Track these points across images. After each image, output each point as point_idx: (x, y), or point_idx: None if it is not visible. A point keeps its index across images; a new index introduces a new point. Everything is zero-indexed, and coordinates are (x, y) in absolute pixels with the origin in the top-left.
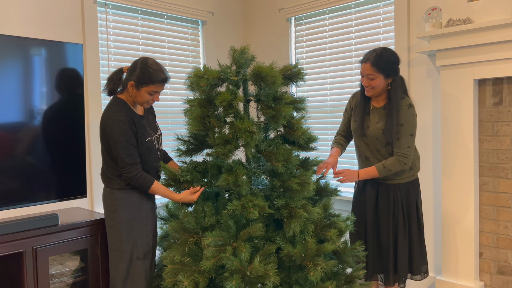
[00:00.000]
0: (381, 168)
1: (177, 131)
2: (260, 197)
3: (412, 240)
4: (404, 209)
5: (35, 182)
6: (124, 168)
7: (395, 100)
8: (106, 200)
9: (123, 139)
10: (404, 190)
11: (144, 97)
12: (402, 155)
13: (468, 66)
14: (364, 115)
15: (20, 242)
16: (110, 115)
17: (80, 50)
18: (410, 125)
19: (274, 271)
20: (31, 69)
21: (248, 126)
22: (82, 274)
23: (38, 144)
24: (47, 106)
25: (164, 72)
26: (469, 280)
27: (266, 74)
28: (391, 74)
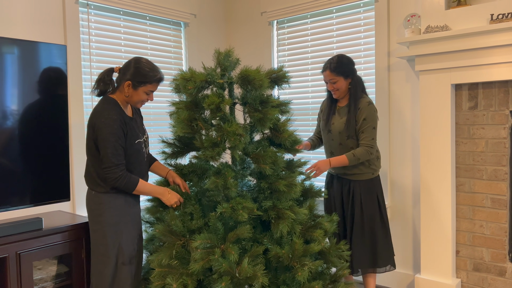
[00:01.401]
0: (351, 157)
1: (160, 133)
2: (249, 199)
3: (376, 235)
4: (363, 205)
5: (17, 185)
6: (109, 168)
7: (354, 97)
8: (91, 204)
9: (113, 138)
10: (363, 186)
11: (140, 97)
12: (368, 146)
13: (445, 71)
14: (330, 114)
15: (3, 247)
16: (102, 113)
17: (64, 51)
18: (372, 119)
19: (262, 272)
20: (14, 70)
21: (236, 129)
22: (66, 279)
23: (21, 146)
24: (30, 108)
25: (159, 71)
26: (447, 277)
27: (254, 78)
28: (349, 75)
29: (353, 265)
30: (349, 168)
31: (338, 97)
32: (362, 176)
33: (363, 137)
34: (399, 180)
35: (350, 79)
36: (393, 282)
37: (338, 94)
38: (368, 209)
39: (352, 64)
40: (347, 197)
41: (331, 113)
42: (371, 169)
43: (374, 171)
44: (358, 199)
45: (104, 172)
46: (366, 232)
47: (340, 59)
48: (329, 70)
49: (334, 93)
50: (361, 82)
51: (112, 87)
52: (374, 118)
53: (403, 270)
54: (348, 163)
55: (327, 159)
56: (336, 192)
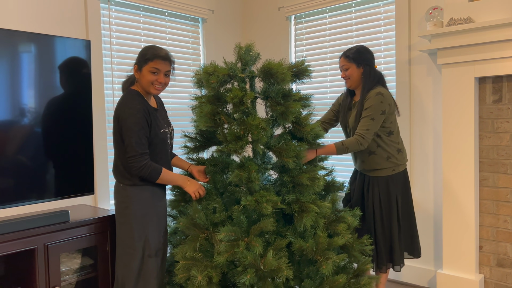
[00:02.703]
0: (339, 146)
1: (180, 128)
2: (272, 192)
3: (392, 234)
4: (381, 202)
5: (42, 179)
6: (133, 157)
7: (364, 87)
8: (118, 196)
9: (136, 127)
10: (382, 183)
11: (147, 78)
12: (359, 135)
13: (469, 64)
14: (347, 110)
15: (32, 239)
16: (125, 104)
17: (88, 46)
18: (374, 109)
19: (286, 265)
20: (39, 64)
21: (259, 123)
22: (91, 271)
23: (46, 140)
24: (55, 103)
25: (162, 49)
26: (470, 273)
27: (276, 71)
28: (362, 63)
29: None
30: (367, 164)
31: (349, 86)
32: (380, 173)
33: (358, 126)
34: (420, 174)
35: (362, 68)
36: (414, 278)
37: (349, 83)
38: (386, 208)
39: (369, 54)
40: (367, 194)
41: (347, 109)
42: (391, 163)
43: (395, 166)
44: (377, 196)
45: (128, 162)
46: (385, 229)
47: (357, 47)
48: (344, 56)
49: (346, 82)
50: (377, 75)
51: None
52: (377, 109)
53: (424, 266)
54: (336, 152)
55: (314, 149)
56: (357, 188)
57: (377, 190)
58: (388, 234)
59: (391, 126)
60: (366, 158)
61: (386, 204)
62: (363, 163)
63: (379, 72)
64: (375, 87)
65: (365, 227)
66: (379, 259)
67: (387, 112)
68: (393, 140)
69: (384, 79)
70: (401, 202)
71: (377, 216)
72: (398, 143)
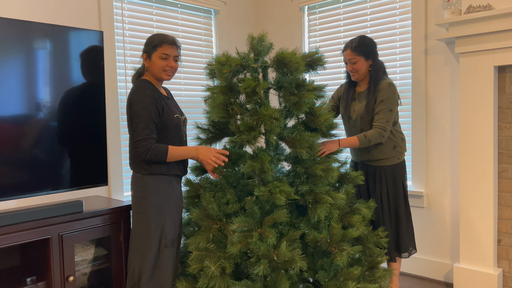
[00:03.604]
0: (362, 138)
1: (193, 121)
2: (286, 183)
3: (400, 220)
4: (389, 191)
5: (57, 170)
6: (137, 142)
7: (375, 79)
8: (135, 187)
9: (144, 112)
10: (389, 172)
11: (158, 64)
12: (381, 128)
13: (488, 53)
14: (350, 101)
15: (46, 229)
16: (135, 91)
17: (101, 37)
18: (390, 101)
19: (300, 256)
20: (52, 56)
21: (272, 113)
22: (105, 261)
23: (60, 131)
24: (68, 94)
25: (168, 35)
26: (488, 266)
27: (290, 60)
28: (370, 55)
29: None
30: (373, 154)
31: (356, 79)
32: (387, 162)
33: (377, 119)
34: (436, 166)
35: (371, 60)
36: (430, 271)
37: (357, 76)
38: (393, 196)
39: (374, 45)
40: (373, 185)
41: (350, 100)
42: (397, 152)
43: (400, 154)
44: (385, 186)
45: (134, 147)
46: (392, 218)
47: (362, 39)
48: (350, 49)
49: (353, 75)
50: (383, 66)
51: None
52: (393, 100)
53: (440, 259)
54: (358, 144)
55: (336, 140)
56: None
57: (384, 179)
58: (395, 222)
59: (396, 116)
60: (372, 149)
61: (394, 192)
62: (368, 154)
63: (382, 62)
64: (384, 79)
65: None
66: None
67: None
68: (397, 130)
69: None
70: (405, 190)
71: (384, 206)
72: (401, 133)
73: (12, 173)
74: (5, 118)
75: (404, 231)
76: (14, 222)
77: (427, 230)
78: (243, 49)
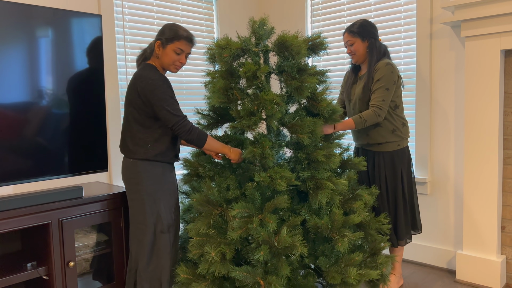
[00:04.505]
0: (357, 119)
1: (193, 108)
2: (287, 169)
3: (397, 209)
4: (387, 178)
5: (57, 156)
6: (178, 124)
7: (371, 59)
8: (128, 173)
9: (168, 96)
10: (388, 158)
11: (170, 56)
12: (376, 107)
13: (494, 36)
14: (351, 84)
15: (46, 214)
16: (147, 76)
17: (99, 21)
18: (386, 80)
19: (301, 242)
20: (50, 41)
21: (274, 98)
22: (106, 247)
23: (59, 117)
24: (67, 80)
25: (189, 31)
26: (491, 253)
27: (291, 43)
28: (367, 36)
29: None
30: (372, 137)
31: (356, 61)
32: (386, 147)
33: (373, 98)
34: (440, 153)
35: (367, 42)
36: (432, 259)
37: (356, 58)
38: (392, 183)
39: (372, 27)
40: (372, 171)
41: (351, 83)
42: (396, 137)
43: (400, 140)
44: (383, 173)
45: (174, 130)
46: (391, 206)
47: (360, 21)
48: (347, 31)
49: (352, 57)
50: (382, 48)
51: (150, 55)
52: (390, 79)
53: (443, 247)
54: (354, 126)
55: (332, 124)
56: None
57: (383, 166)
58: (393, 210)
59: (397, 100)
60: (371, 131)
61: (392, 180)
62: (367, 137)
63: (384, 45)
64: (382, 59)
65: (376, 205)
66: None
67: (396, 84)
68: (398, 114)
69: (389, 52)
70: (406, 177)
71: (383, 192)
72: (403, 118)
73: (12, 159)
74: (4, 105)
75: (401, 219)
76: (13, 207)
77: (431, 217)
78: (245, 35)
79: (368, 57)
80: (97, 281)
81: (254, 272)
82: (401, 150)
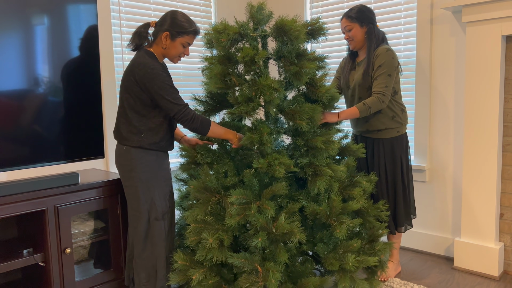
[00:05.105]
0: (362, 106)
1: (190, 94)
2: (285, 155)
3: (397, 195)
4: (386, 165)
5: (53, 142)
6: (180, 112)
7: (370, 45)
8: (121, 159)
9: (168, 85)
10: (387, 146)
11: (177, 49)
12: (380, 93)
13: (496, 21)
14: (350, 71)
15: (42, 200)
16: (146, 64)
17: (95, 7)
18: (388, 66)
19: (299, 229)
20: (45, 29)
21: (272, 83)
22: (103, 234)
23: (55, 104)
24: (63, 67)
25: (196, 24)
26: (489, 241)
27: (290, 28)
28: (365, 22)
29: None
30: (371, 124)
31: (353, 48)
32: (386, 134)
33: (376, 84)
34: (440, 140)
35: (366, 27)
36: (430, 246)
37: (353, 44)
38: (391, 171)
39: (371, 13)
40: (372, 159)
41: (349, 69)
42: (396, 123)
43: (400, 126)
44: (383, 160)
45: (176, 119)
46: (390, 193)
47: (358, 6)
48: (345, 17)
49: (350, 44)
50: (380, 33)
51: (148, 41)
52: (391, 65)
53: (442, 234)
54: (359, 114)
55: (335, 113)
56: None
57: (382, 153)
58: (392, 197)
59: (395, 86)
60: (370, 117)
61: (391, 167)
62: (366, 123)
63: (382, 31)
64: (381, 45)
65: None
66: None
67: (396, 69)
68: (397, 100)
69: (387, 38)
70: (405, 164)
71: (382, 180)
72: (402, 104)
73: (7, 145)
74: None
75: (400, 206)
76: (9, 193)
77: (429, 205)
78: (243, 19)
79: (367, 43)
80: (95, 268)
81: (252, 259)
82: (400, 137)
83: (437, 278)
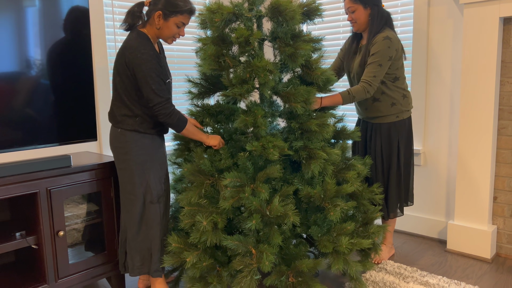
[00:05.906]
0: (345, 94)
1: (184, 77)
2: (279, 138)
3: (390, 181)
4: (382, 149)
5: (44, 124)
6: (159, 105)
7: (371, 29)
8: (116, 142)
9: (154, 73)
10: (384, 130)
11: (171, 30)
12: (366, 82)
13: (494, 3)
14: (352, 55)
15: (34, 183)
16: (137, 48)
17: None
18: (381, 55)
19: (293, 212)
20: (36, 10)
21: (267, 65)
22: (96, 217)
23: (47, 86)
24: (54, 49)
25: (191, 2)
26: (482, 223)
27: (285, 8)
28: (369, 3)
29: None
30: (370, 111)
31: (357, 30)
32: (384, 119)
33: (365, 73)
34: (435, 124)
35: (369, 9)
36: (424, 229)
37: (357, 26)
38: (386, 155)
39: None
40: (369, 142)
41: (352, 54)
42: (395, 109)
43: (399, 112)
44: (379, 144)
45: (154, 110)
46: (384, 177)
47: None
48: None
49: (353, 26)
50: (385, 15)
51: (142, 20)
52: (385, 54)
53: (435, 217)
54: (342, 101)
55: (319, 98)
56: (361, 136)
57: (379, 137)
58: (385, 182)
59: (396, 72)
60: (369, 105)
61: (387, 152)
62: (366, 111)
63: (387, 12)
64: (383, 30)
65: (369, 175)
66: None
67: (393, 58)
68: (399, 86)
69: (392, 19)
70: (403, 150)
71: (377, 163)
72: (403, 89)
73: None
74: None
75: (393, 193)
76: (0, 176)
77: (423, 188)
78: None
79: (369, 26)
80: (88, 251)
81: (246, 241)
82: (401, 122)
83: (430, 261)
